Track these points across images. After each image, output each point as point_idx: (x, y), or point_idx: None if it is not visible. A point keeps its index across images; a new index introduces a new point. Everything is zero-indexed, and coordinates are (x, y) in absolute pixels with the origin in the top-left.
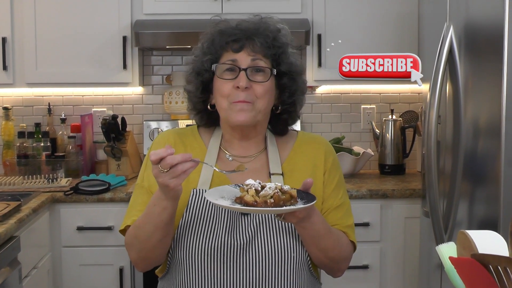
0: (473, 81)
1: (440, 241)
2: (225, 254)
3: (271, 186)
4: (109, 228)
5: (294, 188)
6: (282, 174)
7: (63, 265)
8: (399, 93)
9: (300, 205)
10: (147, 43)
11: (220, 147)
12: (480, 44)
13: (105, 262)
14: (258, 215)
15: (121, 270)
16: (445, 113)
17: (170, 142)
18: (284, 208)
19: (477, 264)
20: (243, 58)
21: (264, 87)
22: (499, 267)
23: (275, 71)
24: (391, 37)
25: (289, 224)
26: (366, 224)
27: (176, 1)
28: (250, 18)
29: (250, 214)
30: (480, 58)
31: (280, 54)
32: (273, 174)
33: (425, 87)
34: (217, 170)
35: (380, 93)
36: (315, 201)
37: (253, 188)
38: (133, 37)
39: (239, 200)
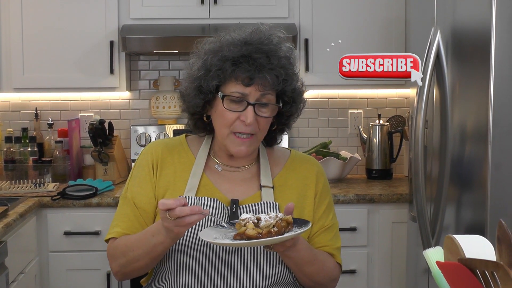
0: (460, 86)
1: (427, 245)
2: (212, 258)
3: (271, 215)
4: (96, 233)
5: (288, 215)
6: (272, 188)
7: (50, 270)
8: (386, 98)
9: (297, 230)
10: (134, 48)
11: (210, 155)
12: (467, 48)
13: (92, 267)
14: None
15: (108, 275)
16: (432, 117)
17: (158, 154)
18: (288, 234)
19: (464, 269)
20: (253, 93)
21: (267, 120)
22: (486, 272)
23: (281, 104)
24: (378, 41)
25: None
26: (353, 229)
27: (163, 6)
28: (259, 37)
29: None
30: (467, 62)
31: (287, 85)
32: (263, 186)
33: (412, 92)
34: (225, 225)
35: (367, 98)
36: (310, 225)
37: (251, 222)
38: (120, 42)
39: (240, 236)
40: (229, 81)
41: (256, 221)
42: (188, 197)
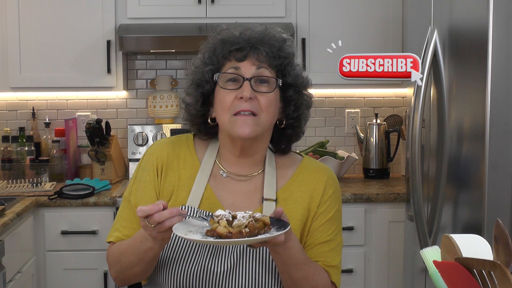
0: (457, 85)
1: (424, 245)
2: (206, 280)
3: (244, 215)
4: (93, 233)
5: (266, 215)
6: (275, 201)
7: (47, 269)
8: (383, 97)
9: (274, 233)
10: (131, 47)
11: (215, 160)
12: (465, 48)
13: (89, 266)
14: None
15: (105, 274)
16: (429, 117)
17: (163, 158)
18: (259, 237)
19: (461, 268)
20: (247, 67)
21: (269, 99)
22: (483, 271)
23: (280, 82)
24: (375, 41)
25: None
26: (350, 228)
27: (160, 5)
28: (253, 27)
29: None
30: (465, 62)
31: (286, 65)
32: (266, 199)
33: (409, 91)
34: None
35: (364, 97)
36: (288, 228)
37: (224, 219)
38: (117, 41)
39: (211, 233)
40: (223, 64)
41: (231, 218)
42: (191, 207)
